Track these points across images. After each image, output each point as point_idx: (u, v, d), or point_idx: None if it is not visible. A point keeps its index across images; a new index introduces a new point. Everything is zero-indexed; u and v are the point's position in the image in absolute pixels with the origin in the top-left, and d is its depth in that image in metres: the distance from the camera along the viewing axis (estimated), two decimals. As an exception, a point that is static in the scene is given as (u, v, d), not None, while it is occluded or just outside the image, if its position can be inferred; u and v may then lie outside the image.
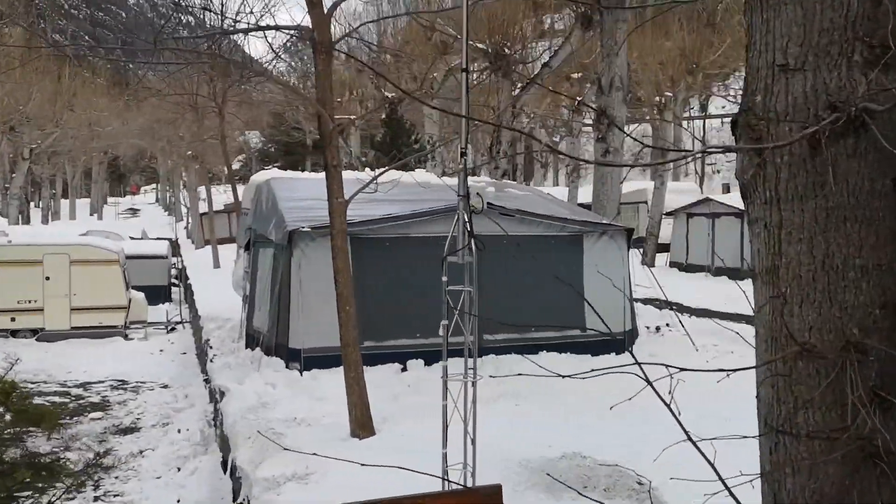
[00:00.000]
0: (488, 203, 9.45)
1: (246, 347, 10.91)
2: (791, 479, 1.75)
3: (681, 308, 14.78)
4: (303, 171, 33.10)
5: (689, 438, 2.47)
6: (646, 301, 13.36)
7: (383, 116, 27.49)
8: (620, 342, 10.17)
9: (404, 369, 9.16)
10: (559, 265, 9.84)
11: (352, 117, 32.98)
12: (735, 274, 19.37)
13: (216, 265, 25.17)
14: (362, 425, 6.96)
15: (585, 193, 20.86)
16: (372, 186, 6.73)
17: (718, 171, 48.07)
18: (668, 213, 21.66)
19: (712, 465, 2.34)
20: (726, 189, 29.55)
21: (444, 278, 5.08)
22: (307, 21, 6.64)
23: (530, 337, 9.62)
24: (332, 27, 6.89)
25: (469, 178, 12.32)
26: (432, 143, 21.09)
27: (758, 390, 1.92)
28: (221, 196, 33.62)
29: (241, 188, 24.60)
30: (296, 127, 44.16)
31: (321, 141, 6.75)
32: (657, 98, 22.24)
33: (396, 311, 9.21)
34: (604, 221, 10.33)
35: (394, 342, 9.20)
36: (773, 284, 1.80)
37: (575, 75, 24.49)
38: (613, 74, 11.68)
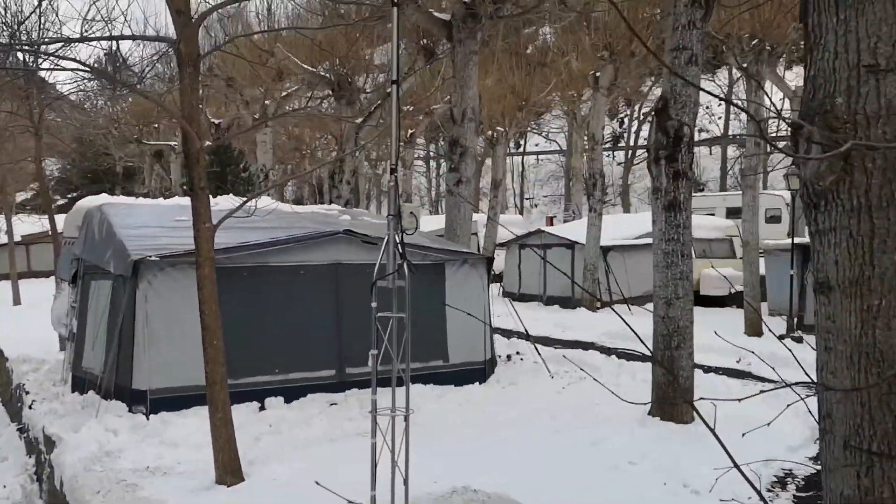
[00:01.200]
0: (348, 231, 9.16)
1: (73, 391, 9.78)
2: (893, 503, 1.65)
3: (522, 336, 15.08)
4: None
5: (736, 465, 2.35)
6: (493, 330, 13.49)
7: (208, 143, 26.30)
8: (481, 371, 10.15)
9: (262, 408, 8.57)
10: (422, 294, 9.65)
11: (171, 144, 31.30)
12: (566, 303, 20.14)
13: (16, 302, 22.76)
14: (231, 471, 6.36)
15: (425, 223, 20.90)
16: (245, 210, 6.25)
17: (536, 205, 50.32)
18: (501, 245, 22.22)
19: (758, 493, 2.22)
20: (550, 222, 30.88)
21: (374, 304, 4.73)
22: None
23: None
24: (201, 38, 6.38)
25: (319, 206, 11.91)
26: (265, 172, 20.37)
27: (828, 410, 1.81)
28: (28, 226, 30.59)
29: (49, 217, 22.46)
30: (105, 153, 41.25)
31: (187, 161, 6.18)
32: (490, 132, 22.91)
33: (253, 345, 8.64)
34: (464, 250, 10.31)
35: (251, 379, 8.60)
36: (860, 296, 1.70)
37: (407, 108, 24.71)
38: (466, 105, 11.81)
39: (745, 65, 14.08)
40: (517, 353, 12.41)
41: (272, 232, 9.09)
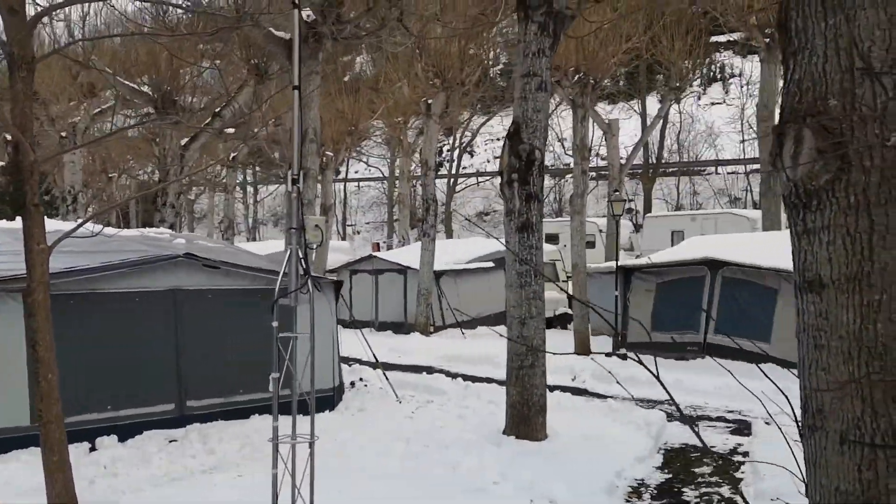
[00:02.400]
0: (189, 254, 8.60)
1: None
2: (897, 495, 1.67)
3: (362, 362, 14.83)
4: None
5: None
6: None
7: (2, 163, 23.95)
8: (330, 398, 9.83)
9: (94, 448, 7.77)
10: (266, 320, 9.21)
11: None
12: (399, 328, 20.11)
13: None
14: (69, 520, 5.66)
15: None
16: (86, 230, 5.65)
17: (359, 232, 50.19)
18: (331, 271, 21.84)
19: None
20: (377, 248, 30.87)
21: (275, 323, 4.37)
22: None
23: (238, 401, 8.82)
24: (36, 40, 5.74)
25: (147, 229, 11.13)
26: (73, 195, 18.84)
27: (819, 406, 1.82)
28: None
29: None
30: None
31: (18, 175, 5.50)
32: (321, 157, 22.56)
33: (81, 380, 7.82)
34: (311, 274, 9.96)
35: (78, 417, 7.76)
36: (860, 292, 1.73)
37: (229, 130, 23.84)
38: (307, 126, 11.52)
39: (571, 97, 14.82)
40: (360, 379, 12.18)
41: (102, 256, 8.33)
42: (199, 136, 15.46)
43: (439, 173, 52.54)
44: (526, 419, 8.27)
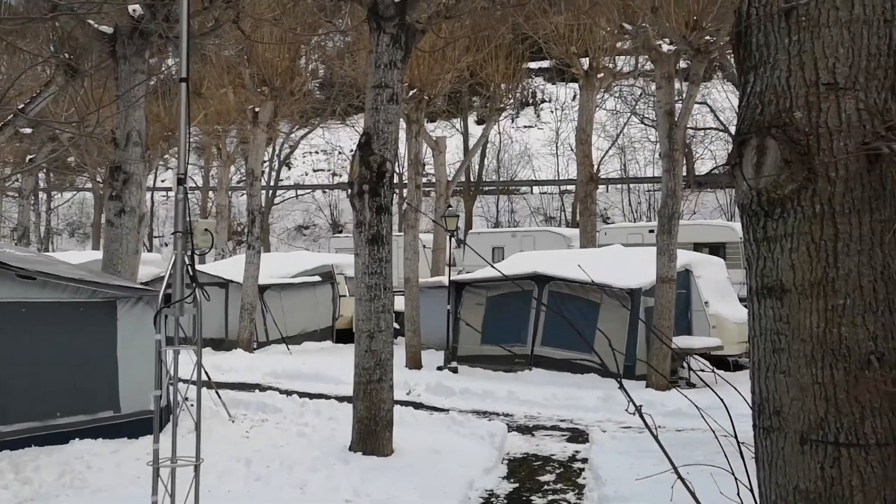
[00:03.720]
0: (0, 262, 7.74)
1: None
2: (861, 492, 1.75)
3: (188, 381, 14.01)
4: None
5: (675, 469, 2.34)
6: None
7: None
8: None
9: None
10: (91, 336, 8.47)
11: None
12: (219, 345, 19.19)
13: None
14: None
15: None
16: None
17: (167, 244, 47.61)
18: (144, 283, 20.46)
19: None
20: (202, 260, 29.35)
21: (159, 336, 3.91)
22: None
23: (56, 424, 8.00)
24: None
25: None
26: None
27: (777, 408, 1.89)
28: None
29: None
30: None
31: None
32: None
33: None
34: (138, 286, 9.27)
35: None
36: (824, 297, 1.81)
37: (26, 130, 21.87)
38: (131, 128, 10.73)
39: (406, 112, 14.92)
40: (185, 398, 11.46)
41: None
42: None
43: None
44: (374, 434, 8.14)
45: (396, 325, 19.63)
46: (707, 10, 12.07)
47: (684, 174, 14.18)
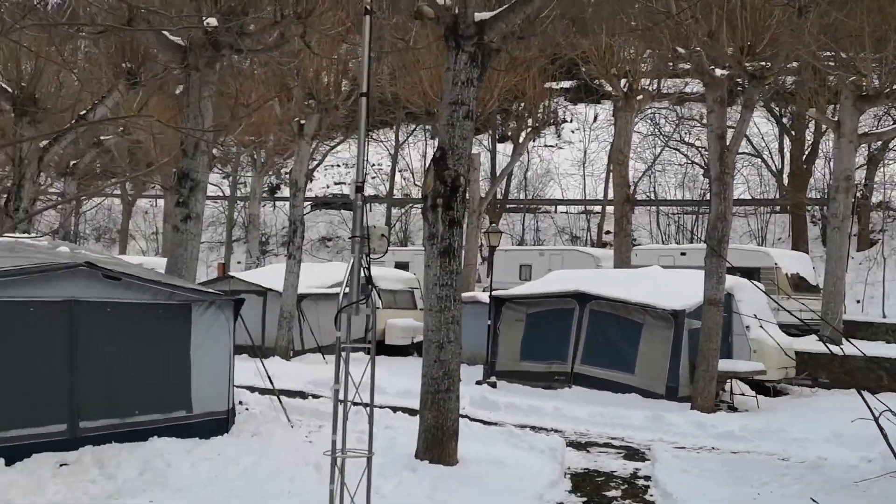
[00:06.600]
0: (90, 264, 8.00)
1: None
2: None
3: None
4: None
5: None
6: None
7: None
8: (224, 421, 9.37)
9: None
10: (167, 337, 8.70)
11: None
12: (256, 352, 19.39)
13: None
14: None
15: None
16: None
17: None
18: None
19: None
20: (222, 269, 29.69)
21: (339, 334, 4.11)
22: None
23: (135, 422, 8.21)
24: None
25: (20, 235, 10.32)
26: None
27: None
28: None
29: None
30: None
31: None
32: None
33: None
34: (211, 291, 9.50)
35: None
36: None
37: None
38: (200, 138, 11.03)
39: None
40: (240, 402, 11.67)
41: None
42: (61, 139, 14.38)
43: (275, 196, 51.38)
44: (440, 443, 8.30)
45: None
46: (761, 36, 12.27)
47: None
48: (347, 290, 4.26)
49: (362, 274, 4.28)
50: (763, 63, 12.26)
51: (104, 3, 11.52)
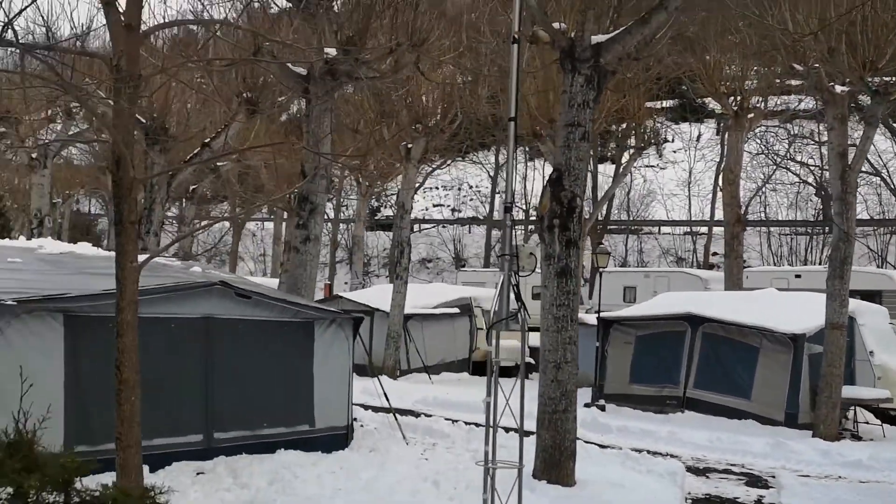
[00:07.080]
0: (224, 283, 8.46)
1: None
2: None
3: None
4: None
5: None
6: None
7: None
8: (344, 437, 9.67)
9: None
10: (291, 354, 9.08)
11: None
12: (363, 371, 19.83)
13: None
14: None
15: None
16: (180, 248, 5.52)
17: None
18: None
19: None
20: (329, 290, 30.53)
21: (490, 348, 4.31)
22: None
23: (263, 434, 8.60)
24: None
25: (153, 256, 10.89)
26: (40, 218, 18.19)
27: None
28: None
29: None
30: None
31: (117, 191, 5.37)
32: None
33: (113, 407, 7.49)
34: (332, 309, 9.87)
35: (110, 445, 7.39)
36: None
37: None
38: (318, 161, 11.50)
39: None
40: (355, 419, 11.99)
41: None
42: (190, 164, 15.22)
43: (375, 219, 52.49)
44: (558, 464, 8.31)
45: (532, 360, 19.82)
46: (884, 51, 11.84)
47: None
48: (497, 307, 4.39)
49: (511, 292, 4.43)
50: (887, 78, 11.81)
51: (231, 36, 12.18)
